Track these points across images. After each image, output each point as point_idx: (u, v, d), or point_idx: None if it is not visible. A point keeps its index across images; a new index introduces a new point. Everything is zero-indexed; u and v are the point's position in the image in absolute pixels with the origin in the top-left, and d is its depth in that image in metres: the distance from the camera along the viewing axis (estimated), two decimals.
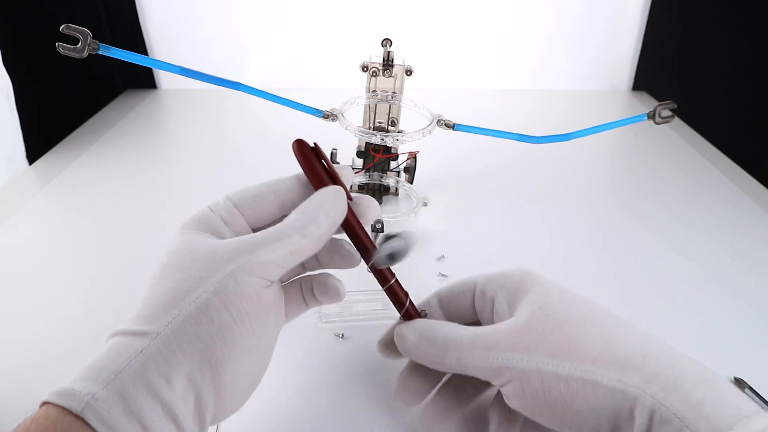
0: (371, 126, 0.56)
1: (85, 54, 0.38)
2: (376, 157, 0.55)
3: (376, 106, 0.55)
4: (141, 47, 0.88)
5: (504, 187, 0.64)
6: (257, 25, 0.89)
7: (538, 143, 0.51)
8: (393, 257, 0.31)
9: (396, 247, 0.31)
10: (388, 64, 0.53)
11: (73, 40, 0.37)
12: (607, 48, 0.95)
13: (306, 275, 0.32)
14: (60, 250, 0.52)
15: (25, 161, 0.66)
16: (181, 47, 0.90)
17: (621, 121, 0.52)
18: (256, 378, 0.28)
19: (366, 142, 0.55)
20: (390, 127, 0.56)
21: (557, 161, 0.70)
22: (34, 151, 0.68)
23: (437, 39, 0.89)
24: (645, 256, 0.53)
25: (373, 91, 0.54)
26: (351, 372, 0.38)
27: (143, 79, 0.92)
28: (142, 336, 0.24)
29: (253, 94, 0.47)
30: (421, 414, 0.32)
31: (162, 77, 0.93)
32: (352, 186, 0.59)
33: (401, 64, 0.53)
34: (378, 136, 0.49)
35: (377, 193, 0.59)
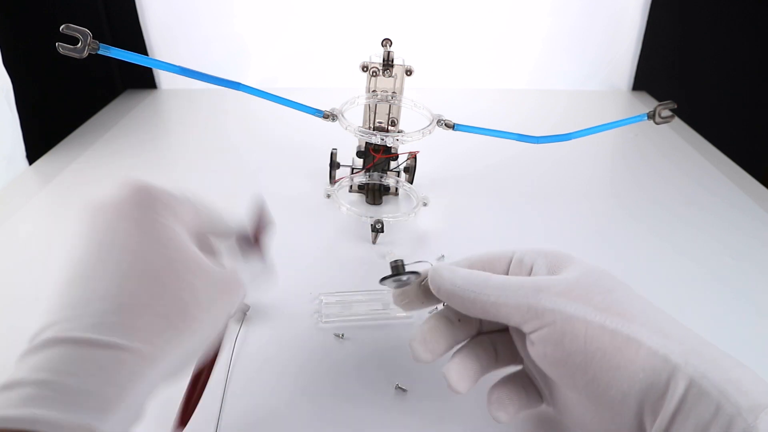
0: (371, 126, 0.56)
1: (85, 54, 0.38)
2: (376, 157, 0.55)
3: (376, 106, 0.55)
4: (141, 47, 0.88)
5: (504, 187, 0.64)
6: (257, 25, 0.89)
7: (538, 143, 0.52)
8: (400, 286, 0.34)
9: (401, 282, 0.33)
10: (388, 64, 0.52)
11: (73, 40, 0.37)
12: (607, 48, 0.95)
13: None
14: (60, 250, 0.52)
15: (25, 161, 0.66)
16: (181, 47, 0.90)
17: (621, 121, 0.52)
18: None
19: (366, 142, 0.55)
20: (390, 127, 0.56)
21: (557, 161, 0.70)
22: (34, 151, 0.68)
23: (437, 39, 0.89)
24: (645, 256, 0.53)
25: (373, 91, 0.54)
26: (351, 372, 0.38)
27: (143, 79, 0.92)
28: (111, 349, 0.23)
29: (253, 94, 0.47)
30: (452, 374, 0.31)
31: (162, 77, 0.93)
32: (352, 186, 0.59)
33: (401, 64, 0.53)
34: (378, 136, 0.49)
35: (377, 193, 0.59)
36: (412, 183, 0.60)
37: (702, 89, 0.91)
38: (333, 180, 0.60)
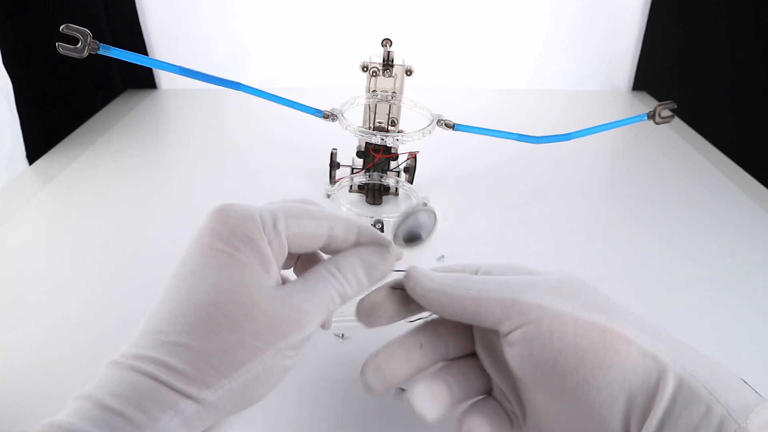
0: (371, 126, 0.56)
1: (85, 54, 0.38)
2: (376, 157, 0.55)
3: (376, 106, 0.55)
4: (141, 47, 0.88)
5: (504, 187, 0.64)
6: (257, 25, 0.89)
7: (538, 143, 0.52)
8: (413, 239, 0.30)
9: (412, 227, 0.29)
10: (388, 64, 0.53)
11: (73, 40, 0.37)
12: (607, 48, 0.95)
13: None
14: (60, 250, 0.52)
15: (25, 161, 0.66)
16: (181, 47, 0.90)
17: (621, 121, 0.52)
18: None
19: (366, 142, 0.55)
20: (390, 127, 0.56)
21: (557, 161, 0.70)
22: (34, 151, 0.68)
23: (437, 39, 0.89)
24: (645, 256, 0.53)
25: (373, 91, 0.54)
26: (351, 372, 0.38)
27: (143, 79, 0.92)
28: (184, 397, 0.23)
29: (253, 94, 0.47)
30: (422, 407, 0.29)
31: (162, 77, 0.93)
32: (352, 186, 0.59)
33: (401, 64, 0.53)
34: (378, 136, 0.49)
35: (377, 193, 0.59)
36: (412, 183, 0.60)
37: (702, 89, 0.91)
38: (333, 180, 0.60)
